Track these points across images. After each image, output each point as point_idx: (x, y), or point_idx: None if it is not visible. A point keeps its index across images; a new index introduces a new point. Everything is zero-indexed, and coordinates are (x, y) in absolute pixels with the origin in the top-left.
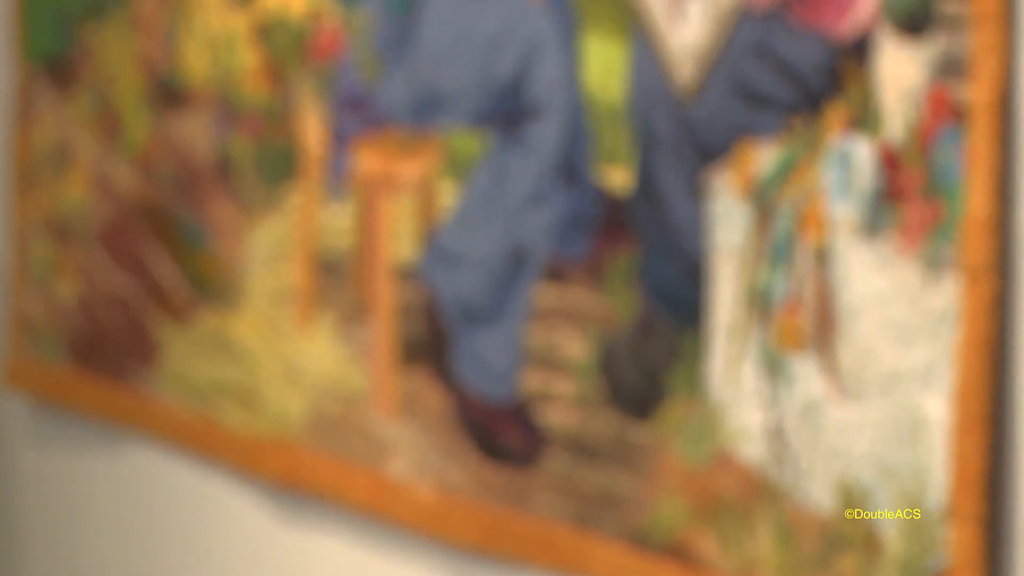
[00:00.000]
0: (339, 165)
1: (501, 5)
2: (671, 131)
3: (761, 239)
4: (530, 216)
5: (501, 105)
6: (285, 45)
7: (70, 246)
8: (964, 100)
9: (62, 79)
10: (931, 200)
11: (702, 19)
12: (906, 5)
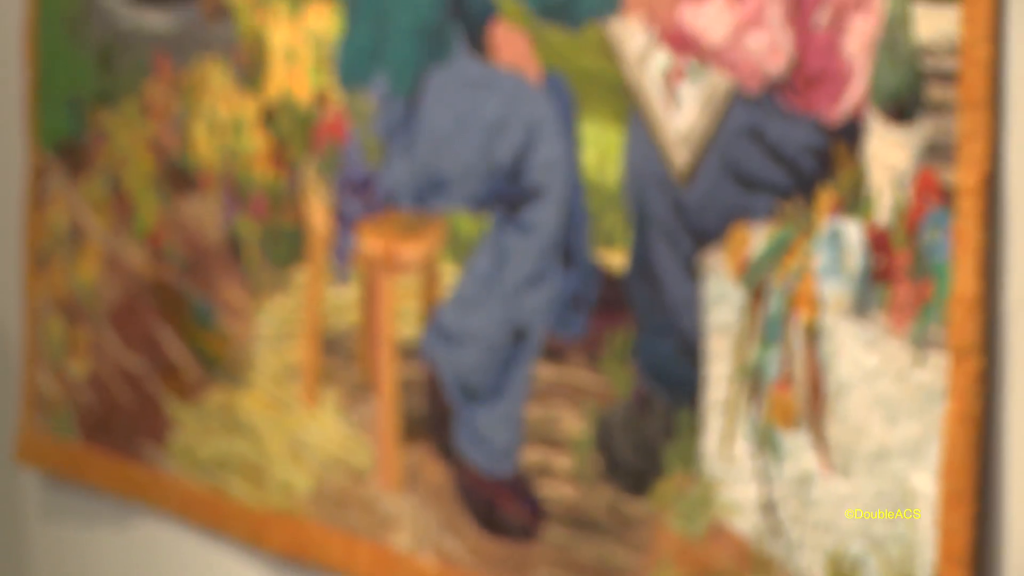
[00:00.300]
0: (344, 246)
1: (502, 90)
2: (666, 213)
3: (754, 318)
4: (529, 296)
5: (501, 188)
6: (291, 130)
7: (82, 324)
8: (951, 183)
9: (74, 163)
10: (919, 281)
11: (696, 104)
12: (894, 91)
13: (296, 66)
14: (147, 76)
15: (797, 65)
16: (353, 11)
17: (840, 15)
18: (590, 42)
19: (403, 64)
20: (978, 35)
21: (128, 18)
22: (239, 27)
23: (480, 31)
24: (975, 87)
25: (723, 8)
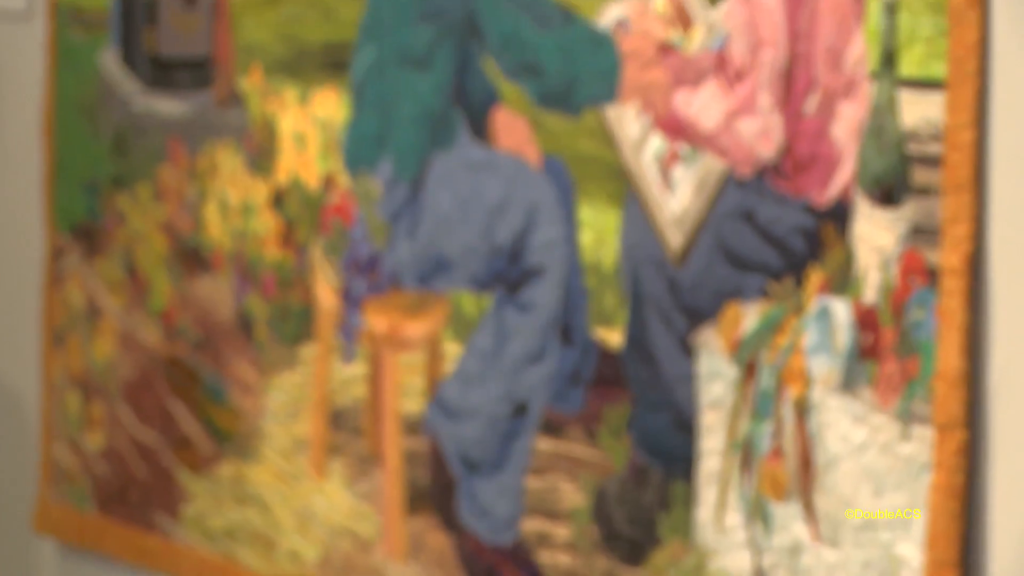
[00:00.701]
0: (350, 324)
1: (503, 173)
2: (661, 293)
3: (746, 393)
4: (529, 372)
5: (502, 268)
6: (300, 212)
7: (97, 399)
8: (936, 263)
9: (91, 244)
10: (905, 358)
11: (690, 187)
12: (881, 175)
13: (304, 151)
14: (161, 161)
15: (787, 150)
16: (359, 98)
17: (828, 102)
18: (588, 128)
19: (407, 149)
20: (962, 121)
21: (143, 105)
22: (250, 114)
23: (482, 117)
24: (959, 171)
25: (715, 96)
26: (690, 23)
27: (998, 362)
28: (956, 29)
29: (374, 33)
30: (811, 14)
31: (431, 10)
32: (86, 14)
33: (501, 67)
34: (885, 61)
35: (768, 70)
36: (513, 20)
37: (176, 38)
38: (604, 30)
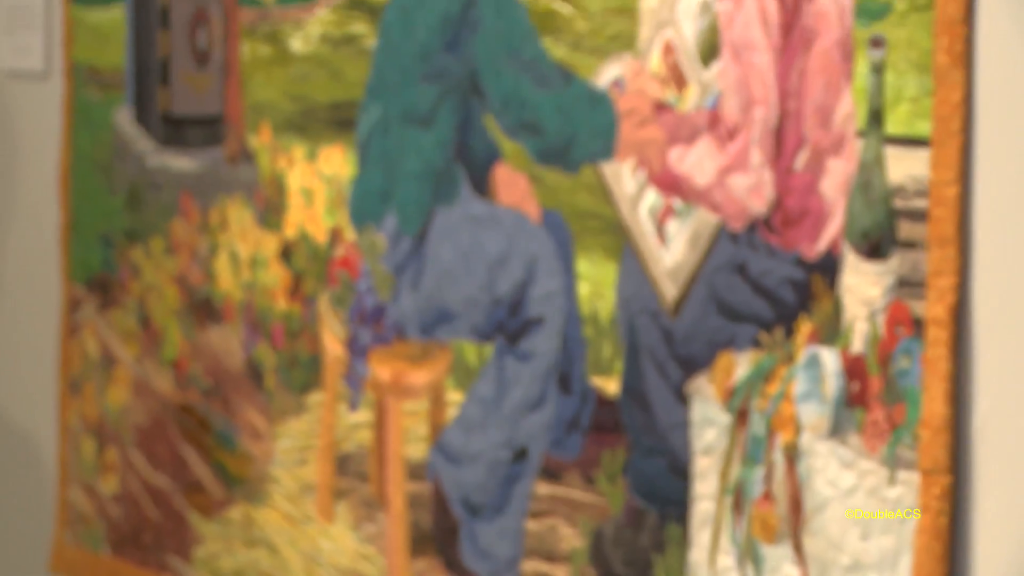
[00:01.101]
0: (356, 373)
1: (503, 227)
2: (656, 343)
3: (738, 440)
4: (528, 420)
5: (502, 319)
6: (307, 265)
7: (112, 445)
8: (921, 314)
9: (106, 296)
10: (891, 406)
11: (684, 241)
12: (868, 229)
13: (312, 206)
14: (174, 215)
15: (778, 205)
16: (364, 155)
17: (818, 158)
18: (586, 183)
19: (411, 204)
20: (946, 177)
21: (156, 161)
22: (260, 170)
23: (483, 173)
24: (943, 225)
25: (709, 152)
26: (684, 82)
27: (981, 410)
28: (941, 89)
29: (379, 92)
30: (801, 74)
31: (434, 70)
32: (101, 74)
33: (502, 125)
34: (872, 119)
35: (759, 127)
36: (513, 80)
37: (188, 97)
38: (601, 89)
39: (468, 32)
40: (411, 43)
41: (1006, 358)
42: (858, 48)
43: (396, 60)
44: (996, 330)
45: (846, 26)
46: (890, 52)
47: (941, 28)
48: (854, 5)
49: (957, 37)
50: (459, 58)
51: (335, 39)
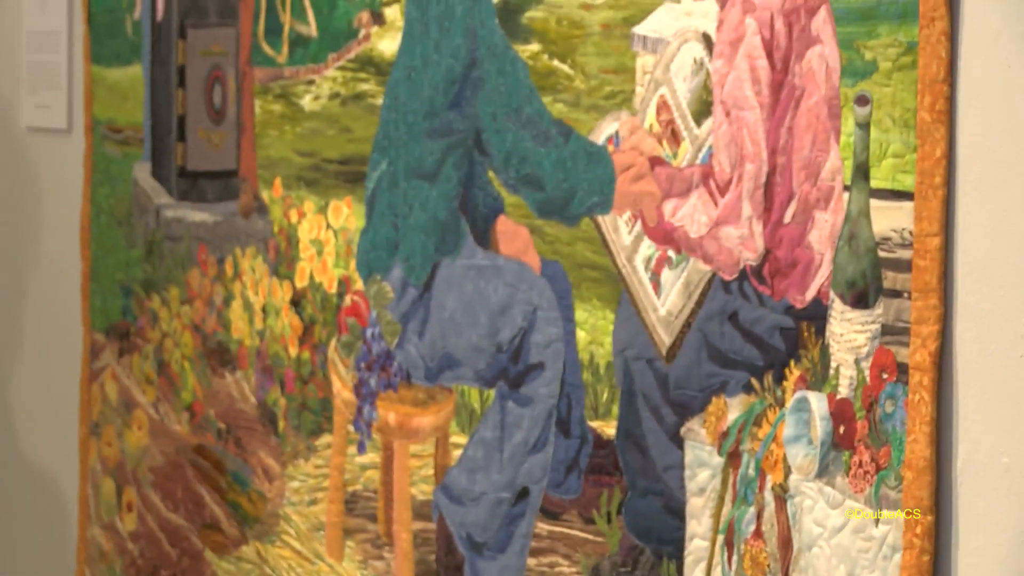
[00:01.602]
0: (364, 417)
1: (505, 278)
2: (651, 388)
3: (730, 480)
4: (529, 462)
5: (504, 366)
6: (318, 313)
7: (130, 485)
8: (905, 360)
9: (125, 343)
10: (876, 448)
11: (678, 290)
12: (854, 279)
13: (322, 257)
14: (190, 266)
15: (768, 255)
16: (372, 208)
17: (806, 211)
18: (584, 235)
19: (417, 256)
20: (929, 229)
21: (173, 214)
22: (272, 222)
23: (486, 226)
24: (926, 275)
25: (702, 205)
26: (678, 139)
27: (962, 452)
28: (924, 145)
29: (386, 148)
30: (790, 130)
31: (439, 127)
32: (121, 131)
33: (503, 180)
34: (858, 174)
35: (750, 182)
36: (514, 136)
37: (204, 153)
38: (599, 145)
39: (471, 91)
40: (417, 101)
41: (986, 403)
42: (845, 106)
43: (402, 117)
44: (977, 376)
45: (833, 85)
46: (875, 110)
47: (924, 87)
48: (841, 64)
49: (939, 96)
50: (463, 115)
51: (344, 97)
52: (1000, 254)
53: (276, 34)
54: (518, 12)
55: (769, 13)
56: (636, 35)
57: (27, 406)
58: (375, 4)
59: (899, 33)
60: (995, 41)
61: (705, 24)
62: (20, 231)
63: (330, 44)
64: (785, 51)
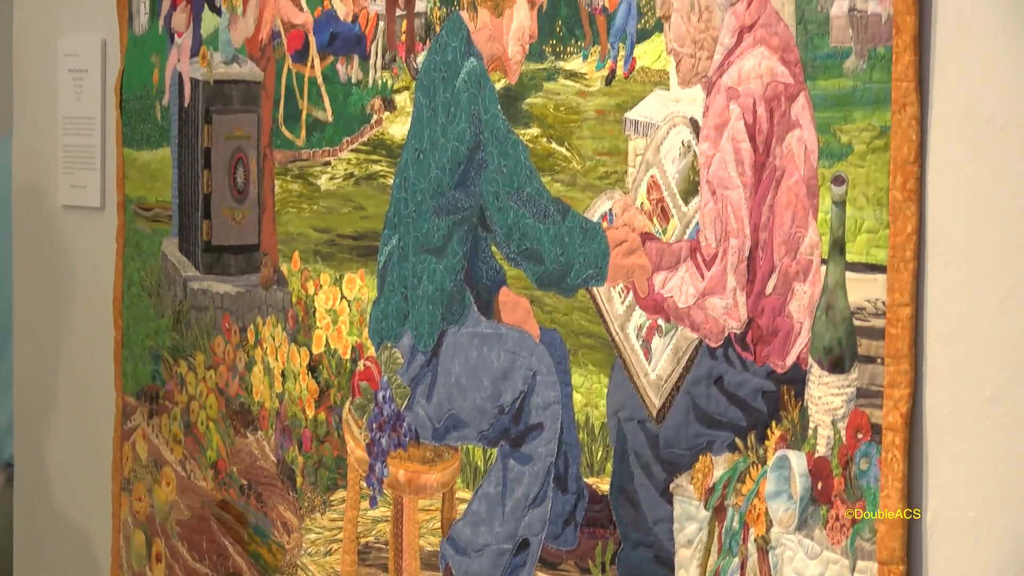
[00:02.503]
0: (376, 474)
1: (506, 344)
2: (642, 447)
3: (716, 533)
4: (529, 515)
5: (506, 426)
6: (333, 378)
7: (159, 537)
8: (878, 422)
9: (154, 405)
10: (851, 503)
11: (667, 355)
12: (831, 346)
13: (337, 325)
14: (214, 334)
15: (751, 324)
16: (383, 280)
17: (786, 283)
18: (580, 305)
19: (425, 324)
20: (900, 300)
21: (199, 286)
22: (291, 293)
23: (489, 296)
24: (898, 343)
25: (689, 278)
26: (667, 216)
27: (932, 507)
28: (896, 221)
29: (397, 225)
30: (771, 208)
31: (446, 206)
32: (151, 208)
33: (505, 254)
34: (835, 248)
35: (734, 256)
36: (515, 214)
37: (227, 229)
38: (594, 222)
39: (475, 171)
40: (425, 181)
41: (954, 462)
42: (822, 185)
43: (411, 196)
44: (945, 437)
45: (811, 166)
46: (850, 189)
47: (896, 168)
48: (818, 147)
49: (910, 176)
50: (468, 194)
51: (357, 177)
52: (967, 324)
53: (295, 119)
54: (519, 98)
55: (752, 99)
56: (628, 120)
57: (64, 463)
58: (386, 91)
59: (873, 118)
60: (962, 125)
61: (692, 110)
62: (58, 301)
63: (345, 128)
64: (767, 135)
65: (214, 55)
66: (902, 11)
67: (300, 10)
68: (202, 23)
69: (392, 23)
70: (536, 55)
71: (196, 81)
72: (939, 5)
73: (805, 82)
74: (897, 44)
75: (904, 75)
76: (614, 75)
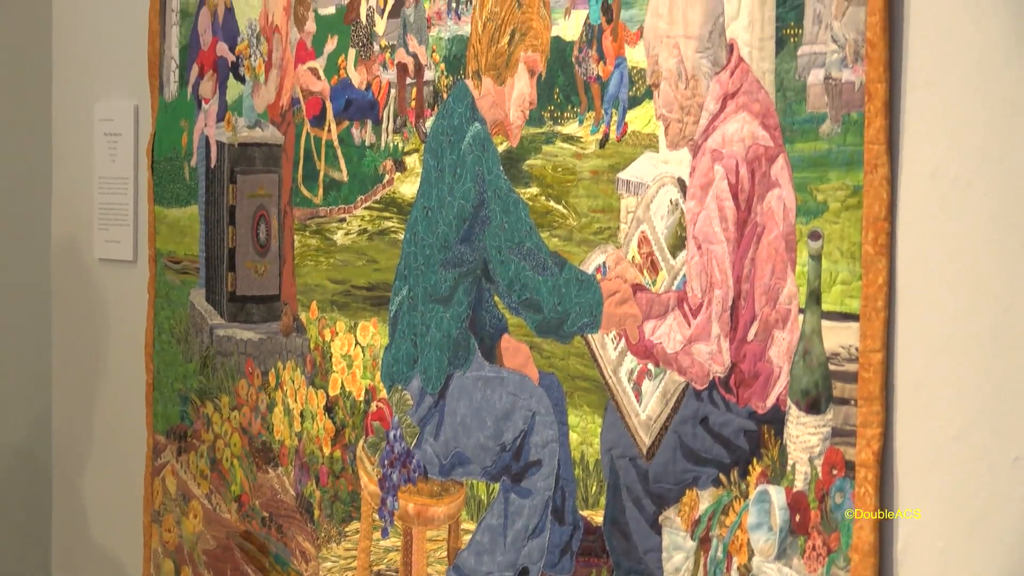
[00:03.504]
0: (387, 507)
1: (508, 387)
2: (633, 482)
3: (701, 562)
4: (529, 545)
5: (507, 463)
6: (348, 418)
7: (187, 566)
8: (852, 458)
9: (183, 443)
10: (827, 534)
11: (656, 397)
12: (808, 389)
13: (351, 369)
14: (238, 377)
15: (734, 368)
16: (394, 328)
17: (767, 330)
18: (576, 351)
19: (433, 368)
20: (872, 346)
21: (224, 333)
22: (309, 340)
23: (492, 343)
24: (870, 386)
25: (676, 326)
26: (657, 269)
27: (902, 537)
28: (868, 274)
29: (407, 276)
30: (752, 261)
31: (452, 259)
32: (180, 261)
33: (507, 303)
34: (812, 298)
35: (719, 306)
36: (517, 267)
37: (250, 281)
38: (589, 274)
39: (480, 227)
40: (433, 236)
41: (922, 496)
42: (800, 240)
43: (420, 250)
44: (914, 472)
45: (790, 222)
46: (826, 244)
47: (868, 224)
48: (796, 205)
49: (881, 231)
50: (472, 248)
51: (371, 233)
52: (935, 368)
53: (313, 179)
54: (520, 160)
55: (735, 161)
56: (620, 180)
57: (98, 497)
58: (397, 153)
59: (846, 178)
60: (929, 185)
61: (680, 171)
62: (94, 348)
63: (359, 188)
64: (749, 193)
65: (238, 120)
66: (874, 79)
67: (318, 79)
68: (227, 90)
69: (403, 91)
70: (535, 120)
71: (222, 144)
72: (908, 74)
73: (784, 145)
74: (869, 110)
75: (875, 138)
76: (607, 139)
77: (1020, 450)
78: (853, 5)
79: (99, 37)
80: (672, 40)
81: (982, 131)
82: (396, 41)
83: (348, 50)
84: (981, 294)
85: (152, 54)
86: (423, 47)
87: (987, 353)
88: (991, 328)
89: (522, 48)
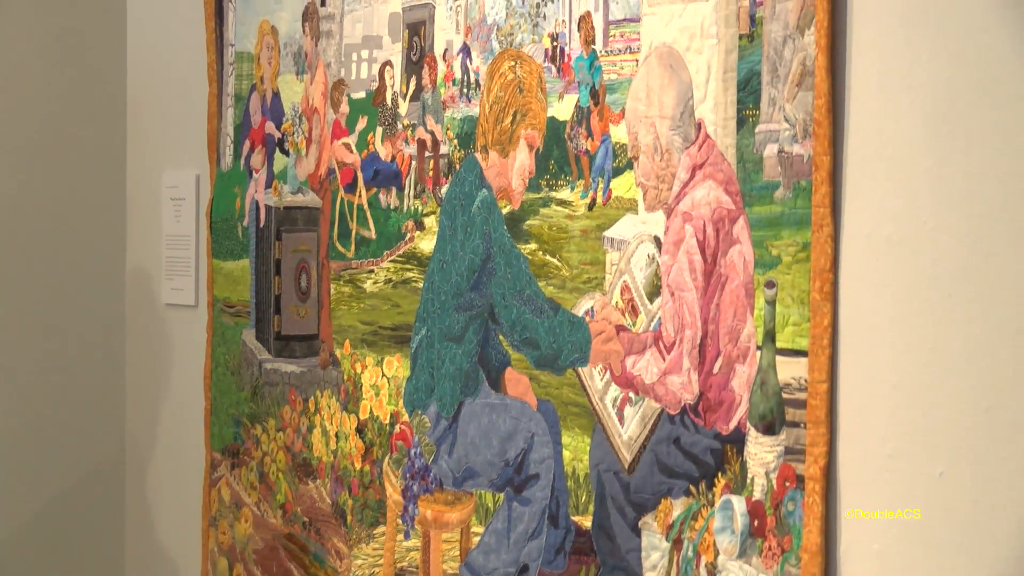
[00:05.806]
0: (409, 513)
1: (511, 412)
2: (617, 492)
3: (675, 560)
4: (528, 546)
5: (510, 476)
6: (376, 438)
7: (239, 564)
8: (802, 473)
9: (235, 459)
10: (781, 537)
11: (636, 421)
12: (764, 414)
13: (378, 397)
14: (283, 404)
15: (702, 396)
16: (414, 362)
17: (729, 364)
18: (569, 382)
19: (447, 396)
20: (819, 378)
21: (271, 366)
22: (343, 372)
23: (497, 375)
24: (817, 411)
25: (653, 361)
26: (636, 312)
27: (844, 540)
28: (815, 317)
29: (425, 319)
30: (717, 306)
31: (463, 304)
32: (234, 306)
33: (510, 341)
34: (767, 337)
35: (689, 343)
36: (518, 311)
37: (293, 322)
38: (579, 317)
39: (487, 277)
40: (447, 285)
41: (861, 505)
42: (757, 288)
43: (436, 296)
44: (854, 485)
45: (749, 273)
46: (780, 291)
47: (815, 275)
48: (754, 258)
49: (826, 281)
50: (481, 295)
51: (395, 282)
52: (872, 397)
53: (346, 237)
54: (520, 220)
55: (703, 221)
56: (606, 237)
57: (164, 505)
58: (417, 215)
59: (797, 236)
60: (867, 242)
61: (656, 230)
62: (161, 378)
63: (385, 244)
64: (714, 249)
65: (283, 187)
66: (820, 152)
67: (350, 152)
68: (274, 162)
69: (422, 162)
70: (534, 187)
71: (269, 207)
72: (849, 149)
73: (744, 208)
74: (816, 179)
75: (821, 203)
76: (595, 203)
77: (944, 466)
78: (802, 90)
79: (166, 117)
80: (649, 120)
81: (910, 198)
82: (416, 121)
83: (376, 128)
84: (911, 334)
85: (211, 131)
86: (439, 126)
87: (917, 384)
88: (920, 363)
89: (523, 127)
